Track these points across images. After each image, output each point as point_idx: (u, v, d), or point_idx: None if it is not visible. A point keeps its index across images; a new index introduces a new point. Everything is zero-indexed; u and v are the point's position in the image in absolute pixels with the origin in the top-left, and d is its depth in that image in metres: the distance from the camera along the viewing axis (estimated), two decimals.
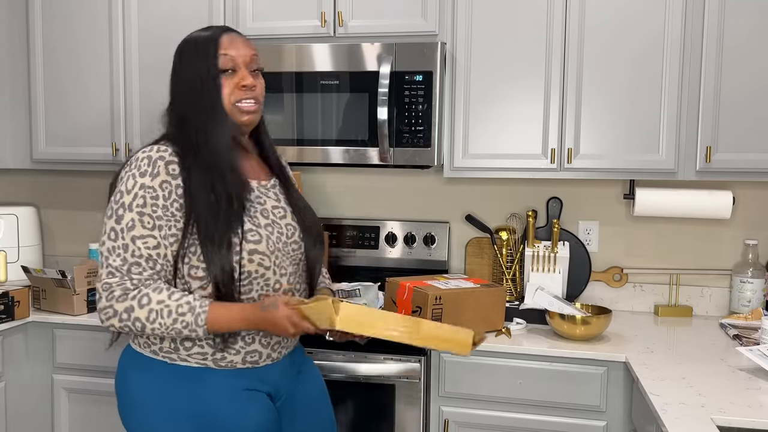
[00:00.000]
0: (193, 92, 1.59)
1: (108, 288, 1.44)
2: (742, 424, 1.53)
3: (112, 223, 1.46)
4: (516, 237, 2.64)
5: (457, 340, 1.48)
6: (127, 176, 1.48)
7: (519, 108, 2.36)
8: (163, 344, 1.52)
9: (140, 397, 1.53)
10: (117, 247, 1.45)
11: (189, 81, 1.60)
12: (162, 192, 1.47)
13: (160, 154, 1.50)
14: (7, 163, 2.79)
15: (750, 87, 2.21)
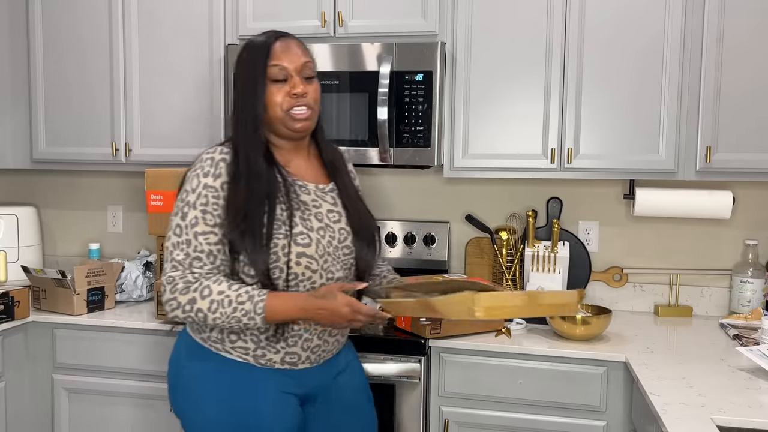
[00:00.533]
0: (241, 99, 1.64)
1: (171, 281, 1.52)
2: (742, 424, 1.53)
3: (178, 220, 1.55)
4: (516, 237, 2.64)
5: (567, 303, 1.54)
6: (192, 176, 1.57)
7: (519, 108, 2.36)
8: (212, 333, 1.60)
9: (187, 378, 1.63)
10: (181, 243, 1.53)
11: (239, 88, 1.65)
12: (223, 192, 1.55)
13: (222, 156, 1.58)
14: (7, 163, 2.79)
15: (750, 86, 2.21)
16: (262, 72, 1.61)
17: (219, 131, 2.58)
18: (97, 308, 2.50)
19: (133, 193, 3.08)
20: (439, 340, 2.15)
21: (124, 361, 2.40)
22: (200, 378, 1.61)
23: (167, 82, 2.63)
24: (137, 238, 3.09)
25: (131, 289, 2.63)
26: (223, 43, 2.56)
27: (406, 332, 2.17)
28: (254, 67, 1.62)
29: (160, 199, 2.31)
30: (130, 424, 2.42)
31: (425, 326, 2.10)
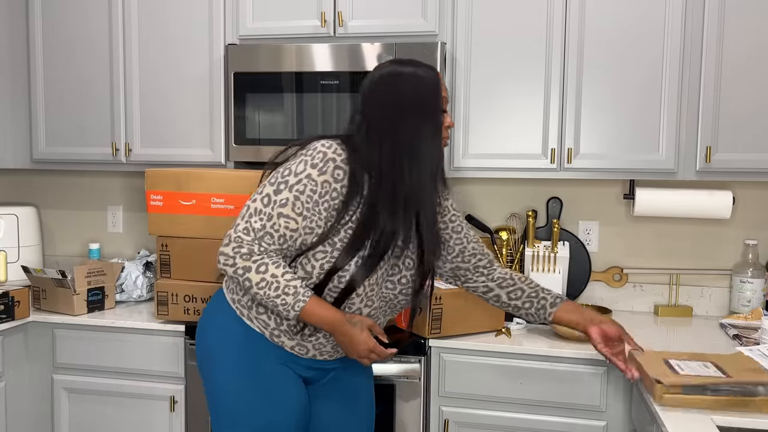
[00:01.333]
0: (413, 125, 1.60)
1: (239, 241, 1.56)
2: (742, 424, 1.53)
3: (270, 191, 1.57)
4: (516, 237, 2.64)
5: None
6: (300, 160, 1.58)
7: (519, 107, 2.36)
8: (243, 297, 1.67)
9: (213, 332, 1.71)
10: (263, 213, 1.56)
11: (410, 110, 1.61)
12: (320, 189, 1.57)
13: (334, 156, 1.57)
14: (7, 163, 2.79)
15: (750, 86, 2.21)
16: (439, 104, 1.63)
17: (219, 131, 2.58)
18: (97, 308, 2.50)
19: (133, 193, 3.08)
20: (439, 340, 2.15)
21: (124, 361, 2.40)
22: (224, 336, 1.69)
23: (167, 82, 2.63)
24: (137, 238, 3.09)
25: (131, 289, 2.63)
26: (223, 43, 2.56)
27: (403, 331, 2.17)
28: (433, 96, 1.63)
29: (160, 199, 2.31)
30: (130, 424, 2.42)
31: (417, 318, 2.11)
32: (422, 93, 1.62)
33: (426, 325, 2.09)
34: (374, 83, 1.64)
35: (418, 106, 1.61)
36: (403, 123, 1.59)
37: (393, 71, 1.63)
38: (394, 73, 1.63)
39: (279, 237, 1.57)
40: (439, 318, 2.10)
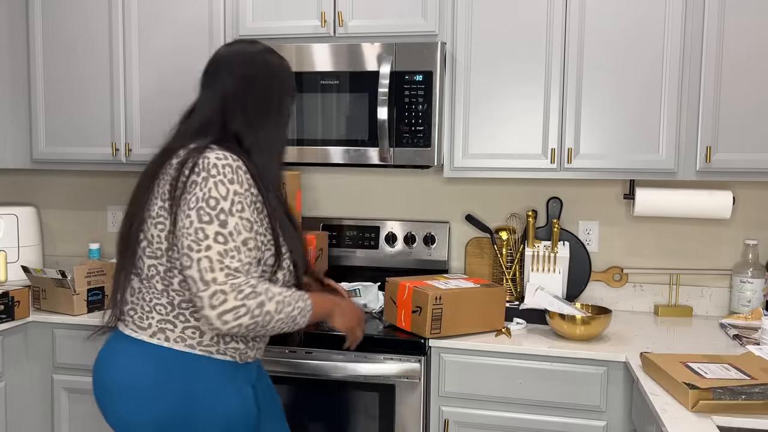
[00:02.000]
0: (269, 114, 1.67)
1: (236, 287, 1.46)
2: (742, 424, 1.53)
3: (216, 228, 1.48)
4: (516, 237, 2.64)
5: None
6: (214, 182, 1.50)
7: (519, 107, 2.36)
8: (203, 339, 1.59)
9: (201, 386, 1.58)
10: (230, 250, 1.48)
11: (269, 100, 1.69)
12: (248, 200, 1.55)
13: (237, 163, 1.54)
14: (7, 163, 2.79)
15: (750, 86, 2.21)
16: (292, 90, 1.73)
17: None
18: (97, 308, 2.50)
19: None
20: (439, 340, 2.15)
21: None
22: (221, 379, 1.60)
23: (167, 82, 2.63)
24: None
25: None
26: (223, 42, 2.56)
27: (406, 332, 2.17)
28: (286, 82, 1.70)
29: None
30: None
31: (417, 318, 2.13)
32: (280, 76, 1.69)
33: (426, 325, 2.09)
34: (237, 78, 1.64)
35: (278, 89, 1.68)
36: (269, 115, 1.66)
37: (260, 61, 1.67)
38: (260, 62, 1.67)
39: (256, 261, 1.55)
40: (439, 318, 2.10)
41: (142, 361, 1.58)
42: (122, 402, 1.57)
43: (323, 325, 2.13)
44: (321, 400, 2.20)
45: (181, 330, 1.58)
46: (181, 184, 1.53)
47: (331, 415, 2.19)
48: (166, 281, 1.58)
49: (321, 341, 2.16)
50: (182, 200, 1.52)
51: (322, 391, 2.19)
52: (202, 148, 1.55)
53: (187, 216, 1.49)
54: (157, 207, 1.58)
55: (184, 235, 1.49)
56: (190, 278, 1.48)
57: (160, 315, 1.59)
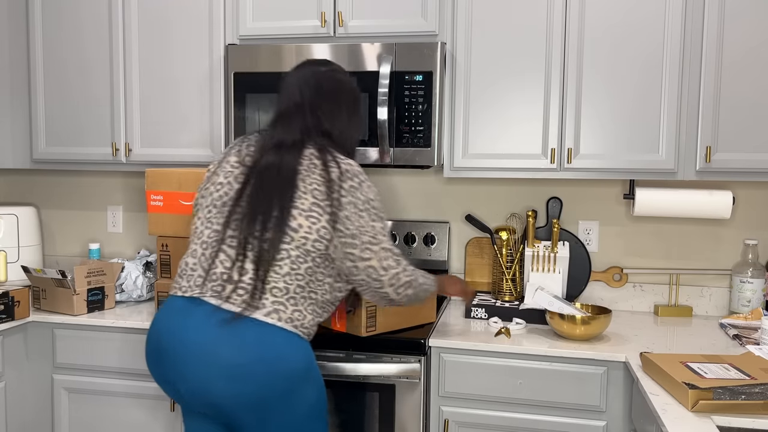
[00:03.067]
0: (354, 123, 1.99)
1: (403, 269, 1.84)
2: (742, 424, 1.53)
3: (381, 224, 1.83)
4: (516, 237, 2.64)
5: None
6: (366, 186, 1.81)
7: (519, 108, 2.36)
8: (305, 321, 1.75)
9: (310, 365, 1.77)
10: (389, 239, 1.84)
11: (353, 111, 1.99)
12: None
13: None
14: (7, 163, 2.79)
15: (750, 86, 2.21)
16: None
17: (219, 131, 2.58)
18: (97, 308, 2.50)
19: (133, 193, 3.08)
20: (439, 339, 2.15)
21: (124, 361, 2.40)
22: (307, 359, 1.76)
23: (167, 82, 2.63)
24: (137, 238, 3.09)
25: (131, 289, 2.63)
26: (223, 43, 2.56)
27: (342, 333, 2.16)
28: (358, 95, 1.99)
29: (161, 199, 2.31)
30: (130, 424, 2.42)
31: (352, 318, 2.14)
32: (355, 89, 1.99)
33: (362, 324, 2.09)
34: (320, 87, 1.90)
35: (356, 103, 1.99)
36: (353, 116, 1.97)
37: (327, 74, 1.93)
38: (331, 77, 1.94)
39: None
40: (374, 316, 2.10)
41: (264, 341, 1.68)
42: (230, 381, 1.65)
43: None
44: None
45: (290, 312, 1.72)
46: (337, 187, 1.76)
47: (332, 416, 2.19)
48: (296, 266, 1.72)
49: (321, 341, 2.16)
50: (346, 203, 1.76)
51: None
52: (331, 151, 1.82)
53: (360, 216, 1.77)
54: (309, 202, 1.74)
55: (362, 233, 1.77)
56: (369, 267, 1.78)
57: (274, 297, 1.71)
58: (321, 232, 1.73)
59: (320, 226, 1.73)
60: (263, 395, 1.67)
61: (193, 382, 1.67)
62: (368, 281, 1.80)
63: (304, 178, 1.76)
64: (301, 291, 1.74)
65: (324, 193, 1.74)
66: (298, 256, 1.72)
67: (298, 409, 1.73)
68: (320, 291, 1.78)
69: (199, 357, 1.66)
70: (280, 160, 1.78)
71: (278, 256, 1.71)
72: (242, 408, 1.68)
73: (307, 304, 1.75)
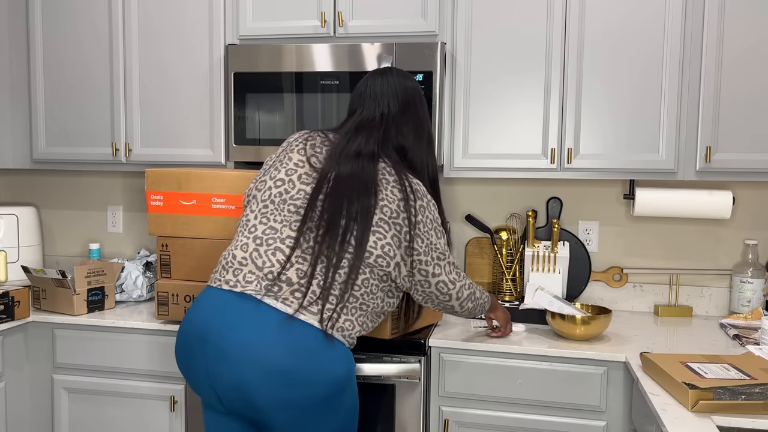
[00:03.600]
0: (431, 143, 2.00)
1: (465, 283, 1.91)
2: (742, 424, 1.53)
3: (444, 241, 1.86)
4: (516, 237, 2.64)
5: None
6: (431, 206, 1.83)
7: (519, 108, 2.36)
8: (352, 332, 1.76)
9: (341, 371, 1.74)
10: (451, 255, 1.89)
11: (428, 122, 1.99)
12: None
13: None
14: (7, 163, 2.79)
15: (750, 87, 2.21)
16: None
17: (219, 131, 2.58)
18: (97, 308, 2.50)
19: (133, 193, 3.08)
20: (439, 339, 2.15)
21: (124, 361, 2.40)
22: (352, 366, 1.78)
23: (167, 82, 2.63)
24: (137, 238, 3.09)
25: (131, 289, 2.63)
26: (223, 43, 2.56)
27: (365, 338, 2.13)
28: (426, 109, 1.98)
29: (161, 199, 2.31)
30: (130, 424, 2.42)
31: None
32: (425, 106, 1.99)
33: (387, 326, 2.07)
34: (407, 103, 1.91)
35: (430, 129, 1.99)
36: (433, 144, 2.00)
37: (415, 90, 1.94)
38: (421, 96, 1.96)
39: None
40: (398, 318, 2.09)
41: (311, 347, 1.66)
42: (277, 382, 1.62)
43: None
44: None
45: (342, 321, 1.72)
46: (411, 207, 1.77)
47: None
48: (353, 276, 1.71)
49: None
50: (416, 221, 1.78)
51: None
52: (404, 169, 1.83)
53: (430, 235, 1.81)
54: (377, 218, 1.73)
55: (432, 250, 1.81)
56: (440, 282, 1.85)
57: (330, 304, 1.69)
58: (385, 248, 1.73)
59: (385, 243, 1.73)
60: (306, 400, 1.65)
61: (237, 380, 1.62)
62: (437, 294, 1.86)
63: (378, 192, 1.75)
64: (355, 301, 1.73)
65: (394, 211, 1.75)
66: (361, 270, 1.73)
67: (337, 415, 1.73)
68: (372, 304, 1.78)
69: (247, 356, 1.61)
70: (361, 172, 1.76)
71: (337, 264, 1.69)
72: (283, 410, 1.64)
73: (359, 314, 1.75)
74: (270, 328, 1.63)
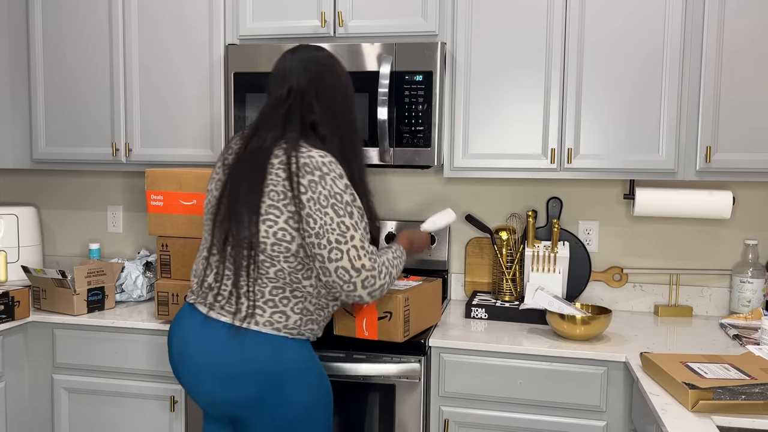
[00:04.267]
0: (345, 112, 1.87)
1: (378, 268, 1.73)
2: (742, 424, 1.53)
3: (350, 220, 1.70)
4: (516, 237, 2.64)
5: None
6: (330, 179, 1.69)
7: (519, 108, 2.36)
8: (288, 322, 1.74)
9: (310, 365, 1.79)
10: (363, 236, 1.72)
11: (344, 101, 1.87)
12: (352, 188, 1.75)
13: (334, 159, 1.74)
14: (7, 163, 2.79)
15: (750, 87, 2.21)
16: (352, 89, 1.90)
17: (219, 131, 2.58)
18: (97, 308, 2.50)
19: (133, 193, 3.08)
20: (439, 339, 2.15)
21: (124, 361, 2.40)
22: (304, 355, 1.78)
23: (167, 82, 2.63)
24: (137, 238, 3.09)
25: (131, 289, 2.63)
26: (223, 43, 2.56)
27: (372, 341, 2.13)
28: (350, 87, 1.88)
29: (161, 199, 2.31)
30: (130, 424, 2.42)
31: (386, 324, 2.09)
32: (347, 78, 1.88)
33: (399, 328, 2.04)
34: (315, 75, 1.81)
35: (348, 90, 1.87)
36: (349, 114, 1.86)
37: (326, 59, 1.84)
38: (333, 66, 1.85)
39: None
40: (408, 320, 2.08)
41: (238, 346, 1.71)
42: (217, 383, 1.72)
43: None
44: None
45: (269, 315, 1.73)
46: (295, 184, 1.66)
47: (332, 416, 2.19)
48: (264, 270, 1.71)
49: (321, 341, 2.16)
50: (306, 200, 1.66)
51: None
52: (296, 146, 1.71)
53: (325, 213, 1.66)
54: (266, 205, 1.69)
55: (328, 232, 1.67)
56: (340, 268, 1.68)
57: (249, 301, 1.72)
58: (278, 234, 1.69)
59: (277, 229, 1.69)
60: (249, 396, 1.71)
61: (196, 387, 1.76)
62: (339, 283, 1.70)
63: (266, 181, 1.71)
64: (280, 293, 1.73)
65: (280, 192, 1.68)
66: (264, 260, 1.70)
67: (289, 411, 1.73)
68: (302, 290, 1.75)
69: (192, 364, 1.75)
70: (253, 162, 1.73)
71: (245, 263, 1.72)
72: (238, 409, 1.73)
73: (292, 305, 1.74)
74: (203, 335, 1.75)
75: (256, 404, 1.72)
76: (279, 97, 1.80)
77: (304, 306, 1.76)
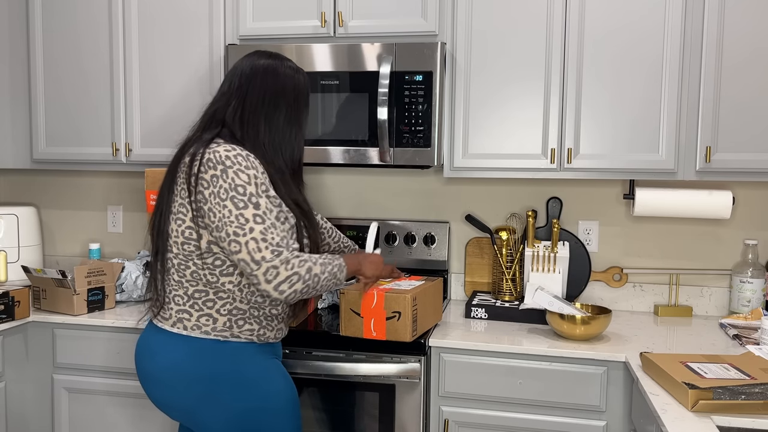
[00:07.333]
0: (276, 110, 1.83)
1: (286, 260, 1.62)
2: (742, 424, 1.53)
3: (253, 210, 1.62)
4: (516, 237, 2.64)
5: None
6: (232, 172, 1.63)
7: (519, 108, 2.36)
8: (216, 325, 1.72)
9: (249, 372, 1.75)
10: (269, 228, 1.62)
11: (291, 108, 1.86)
12: (267, 180, 1.69)
13: (246, 152, 1.69)
14: (7, 163, 2.79)
15: (750, 86, 2.21)
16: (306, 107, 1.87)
17: None
18: (97, 308, 2.50)
19: (133, 193, 3.08)
20: (439, 339, 2.15)
21: (124, 361, 2.40)
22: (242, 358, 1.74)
23: (167, 82, 2.63)
24: (137, 238, 3.09)
25: (131, 289, 2.63)
26: (223, 43, 2.56)
27: (379, 341, 2.12)
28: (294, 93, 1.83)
29: None
30: (129, 424, 2.42)
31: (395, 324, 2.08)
32: (303, 87, 1.85)
33: (408, 328, 2.04)
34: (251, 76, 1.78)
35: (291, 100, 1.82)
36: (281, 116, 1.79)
37: (267, 65, 1.80)
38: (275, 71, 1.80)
39: (289, 234, 1.72)
40: (416, 320, 2.08)
41: (168, 350, 1.74)
42: (157, 388, 1.76)
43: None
44: (321, 399, 2.20)
45: (196, 318, 1.73)
46: (200, 179, 1.65)
47: (331, 415, 2.19)
48: (181, 273, 1.72)
49: (321, 341, 2.16)
50: (209, 195, 1.63)
51: (322, 390, 2.19)
52: (207, 142, 1.70)
53: (224, 206, 1.61)
54: (177, 203, 1.71)
55: (227, 224, 1.61)
56: (241, 261, 1.61)
57: (177, 305, 1.74)
58: (186, 233, 1.70)
59: (185, 227, 1.70)
60: (183, 400, 1.73)
61: (147, 392, 1.83)
62: (248, 277, 1.65)
63: (177, 177, 1.73)
64: (204, 295, 1.72)
65: (186, 190, 1.69)
66: (180, 262, 1.72)
67: (221, 415, 1.72)
68: (227, 291, 1.72)
69: (139, 370, 1.82)
70: (173, 165, 1.76)
71: (167, 266, 1.74)
72: (179, 413, 1.77)
73: (218, 307, 1.73)
74: (142, 342, 1.81)
75: (192, 408, 1.73)
76: (215, 100, 1.83)
77: (233, 306, 1.74)
